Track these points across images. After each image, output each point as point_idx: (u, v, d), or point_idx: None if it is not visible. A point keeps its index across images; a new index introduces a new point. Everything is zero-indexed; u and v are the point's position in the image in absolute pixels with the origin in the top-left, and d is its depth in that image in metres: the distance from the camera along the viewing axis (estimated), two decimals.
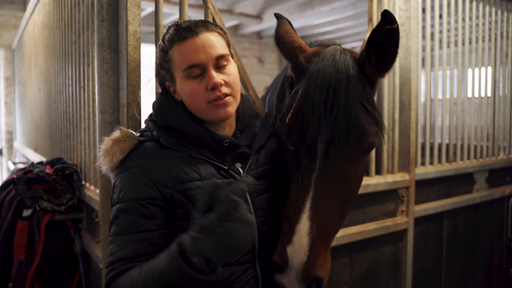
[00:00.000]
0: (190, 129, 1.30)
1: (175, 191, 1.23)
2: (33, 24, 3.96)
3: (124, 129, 1.31)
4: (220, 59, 1.28)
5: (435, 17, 2.80)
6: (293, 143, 1.32)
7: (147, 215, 1.21)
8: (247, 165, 1.36)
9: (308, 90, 1.31)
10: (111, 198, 1.28)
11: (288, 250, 1.21)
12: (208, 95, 1.26)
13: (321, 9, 6.29)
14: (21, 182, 2.12)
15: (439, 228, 2.90)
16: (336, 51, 1.37)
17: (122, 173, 1.26)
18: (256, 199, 1.35)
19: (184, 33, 1.27)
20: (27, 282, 2.18)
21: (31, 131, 4.30)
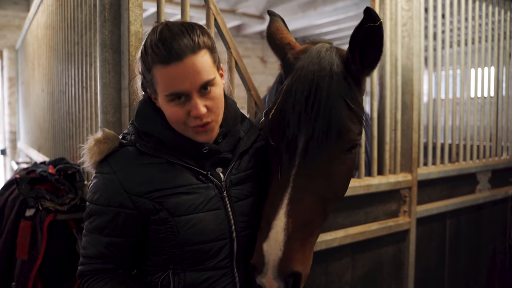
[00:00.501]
0: (168, 136, 1.29)
1: (148, 199, 1.25)
2: (36, 25, 3.98)
3: (107, 131, 1.32)
4: (205, 85, 1.22)
5: (438, 17, 2.79)
6: (274, 138, 1.33)
7: (117, 222, 1.25)
8: (228, 169, 1.35)
9: (291, 87, 1.32)
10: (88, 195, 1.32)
11: (264, 246, 1.20)
12: (190, 121, 1.24)
13: (324, 9, 6.28)
14: (24, 182, 2.12)
15: (441, 229, 2.89)
16: (322, 48, 1.38)
17: (98, 174, 1.28)
18: (236, 204, 1.33)
19: (168, 56, 1.17)
20: (29, 281, 2.19)
21: (35, 131, 4.32)
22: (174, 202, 1.25)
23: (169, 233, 1.25)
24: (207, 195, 1.28)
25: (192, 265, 1.27)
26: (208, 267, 1.28)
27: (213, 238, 1.27)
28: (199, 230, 1.25)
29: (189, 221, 1.25)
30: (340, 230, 2.21)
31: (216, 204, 1.29)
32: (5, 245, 2.33)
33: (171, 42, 1.18)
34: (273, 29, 1.55)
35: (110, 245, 1.26)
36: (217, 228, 1.28)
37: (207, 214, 1.27)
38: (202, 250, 1.26)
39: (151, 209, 1.24)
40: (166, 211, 1.24)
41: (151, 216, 1.25)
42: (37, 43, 3.99)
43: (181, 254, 1.26)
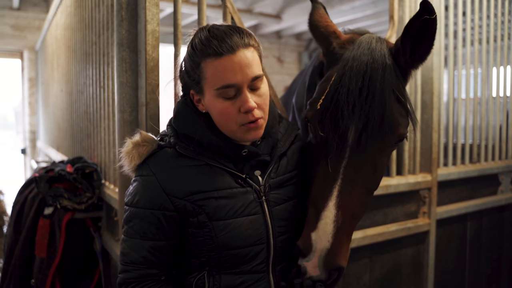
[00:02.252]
0: (207, 138, 1.26)
1: (188, 202, 1.23)
2: (56, 26, 4.03)
3: (144, 133, 1.29)
4: (255, 80, 1.21)
5: (459, 14, 2.73)
6: (324, 129, 1.30)
7: (158, 225, 1.23)
8: (267, 173, 1.32)
9: (343, 77, 1.28)
10: (125, 195, 1.30)
11: (313, 236, 1.22)
12: (240, 117, 1.21)
13: (341, 8, 6.22)
14: (43, 180, 2.15)
15: (462, 231, 2.83)
16: (372, 39, 1.34)
17: (138, 177, 1.26)
18: (274, 209, 1.31)
19: (220, 48, 1.17)
20: (48, 279, 2.21)
21: (54, 131, 4.38)
22: (213, 206, 1.23)
23: (207, 237, 1.23)
24: (246, 200, 1.26)
25: (229, 268, 1.26)
26: (244, 270, 1.27)
27: (250, 243, 1.25)
28: (237, 235, 1.24)
29: (227, 225, 1.23)
30: (358, 231, 2.18)
31: (254, 209, 1.27)
32: (24, 242, 2.37)
33: (223, 36, 1.19)
34: (316, 16, 1.50)
35: (153, 249, 1.23)
36: (254, 233, 1.26)
37: (245, 219, 1.25)
38: (239, 254, 1.25)
39: (190, 211, 1.23)
40: (205, 214, 1.22)
41: (190, 218, 1.24)
42: (56, 44, 4.05)
43: (218, 258, 1.25)
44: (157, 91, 1.60)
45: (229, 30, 1.22)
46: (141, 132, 1.30)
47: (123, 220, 1.27)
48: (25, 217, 2.45)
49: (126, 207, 1.27)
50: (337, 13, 6.57)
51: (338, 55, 1.39)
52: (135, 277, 1.24)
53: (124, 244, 1.25)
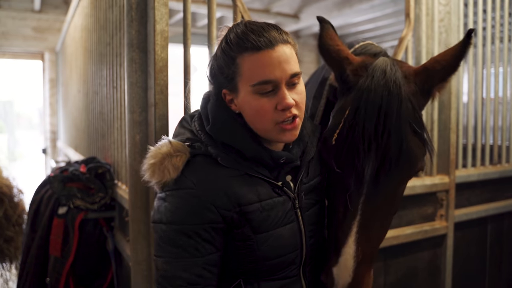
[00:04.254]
0: (249, 149, 1.20)
1: (236, 214, 1.16)
2: (74, 27, 4.08)
3: (175, 142, 1.19)
4: (293, 77, 1.15)
5: (479, 12, 2.66)
6: (340, 166, 1.27)
7: (210, 239, 1.15)
8: (298, 179, 1.29)
9: (358, 112, 1.22)
10: (155, 212, 1.19)
11: (335, 271, 1.25)
12: (277, 115, 1.15)
13: (360, 7, 6.13)
14: (57, 180, 2.17)
15: (482, 234, 2.75)
16: (386, 66, 1.26)
17: (175, 191, 1.15)
18: (305, 214, 1.30)
19: (258, 42, 1.12)
20: (62, 278, 2.23)
21: (72, 131, 4.44)
22: (260, 218, 1.19)
23: (249, 249, 1.19)
24: (284, 209, 1.24)
25: (267, 276, 1.24)
26: (281, 276, 1.26)
27: (289, 250, 1.25)
28: (278, 245, 1.22)
29: (269, 237, 1.20)
30: None
31: (291, 217, 1.26)
32: (40, 241, 2.39)
33: (260, 31, 1.14)
34: (326, 39, 1.39)
35: (207, 264, 1.15)
36: (292, 241, 1.26)
37: (284, 228, 1.23)
38: (279, 263, 1.24)
39: (237, 223, 1.17)
40: (250, 227, 1.18)
41: (235, 230, 1.18)
42: (74, 45, 4.10)
43: (258, 268, 1.22)
44: (166, 91, 1.59)
45: (267, 25, 1.17)
46: (171, 141, 1.19)
47: (160, 240, 1.15)
48: (41, 216, 2.48)
49: (162, 225, 1.15)
50: (356, 12, 6.49)
51: (351, 83, 1.32)
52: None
53: (168, 267, 1.13)
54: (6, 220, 3.84)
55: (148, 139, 1.66)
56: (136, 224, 1.69)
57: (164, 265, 1.13)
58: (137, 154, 1.67)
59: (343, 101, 1.34)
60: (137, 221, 1.69)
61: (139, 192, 1.69)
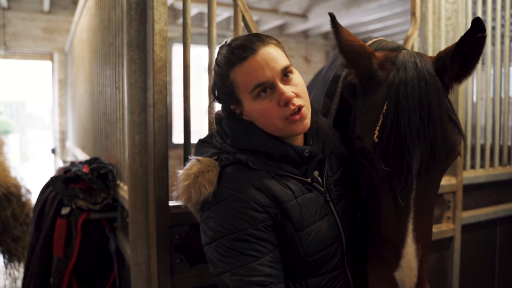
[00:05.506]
0: (274, 148, 1.25)
1: (278, 211, 1.21)
2: (81, 28, 4.10)
3: (203, 159, 1.24)
4: (285, 71, 1.22)
5: (488, 10, 2.60)
6: (388, 163, 1.21)
7: (266, 238, 1.18)
8: (324, 173, 1.33)
9: (399, 105, 1.19)
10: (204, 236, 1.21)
11: (397, 275, 1.20)
12: (282, 111, 1.20)
13: (368, 6, 6.08)
14: (59, 180, 2.17)
15: (491, 236, 2.70)
16: (414, 58, 1.26)
17: (219, 204, 1.19)
18: (338, 205, 1.34)
19: (242, 52, 1.21)
20: (65, 278, 2.24)
21: (79, 131, 4.47)
22: (298, 214, 1.22)
23: (294, 248, 1.23)
24: (318, 203, 1.28)
25: (312, 271, 1.27)
26: (327, 270, 1.28)
27: (330, 243, 1.28)
28: (320, 239, 1.25)
29: (310, 232, 1.24)
30: None
31: (326, 210, 1.29)
32: (44, 241, 2.40)
33: (242, 43, 1.23)
34: (345, 35, 1.32)
35: (272, 262, 1.18)
36: (331, 234, 1.29)
37: (322, 222, 1.27)
38: (322, 257, 1.26)
39: (279, 221, 1.21)
40: (291, 224, 1.21)
41: (279, 229, 1.22)
42: (81, 46, 4.12)
43: (304, 265, 1.25)
44: (165, 92, 1.57)
45: (247, 37, 1.26)
46: (199, 159, 1.23)
47: (219, 256, 1.17)
48: (45, 216, 2.49)
49: (217, 241, 1.17)
50: (365, 11, 6.44)
51: (379, 78, 1.29)
52: None
53: (236, 277, 1.15)
54: (14, 220, 3.87)
55: (147, 140, 1.65)
56: (136, 225, 1.68)
57: (233, 277, 1.15)
58: (137, 154, 1.66)
59: (372, 97, 1.29)
60: (137, 222, 1.68)
61: (139, 193, 1.68)
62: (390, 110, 1.20)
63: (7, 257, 3.91)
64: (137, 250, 1.69)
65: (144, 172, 1.66)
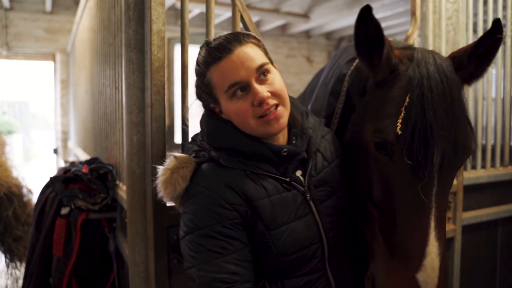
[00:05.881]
0: (247, 146, 1.25)
1: (248, 209, 1.21)
2: (82, 28, 4.11)
3: (179, 156, 1.26)
4: (260, 70, 1.22)
5: (489, 10, 2.59)
6: (412, 155, 1.17)
7: (234, 236, 1.19)
8: (307, 172, 1.31)
9: (423, 98, 1.17)
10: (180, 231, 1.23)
11: (420, 277, 1.13)
12: (256, 110, 1.21)
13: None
14: (58, 181, 2.18)
15: (492, 237, 2.68)
16: (433, 54, 1.26)
17: (191, 200, 1.22)
18: (321, 206, 1.31)
19: (218, 52, 1.22)
20: (65, 278, 2.24)
21: (81, 131, 4.47)
22: (270, 214, 1.21)
23: (266, 247, 1.22)
24: (295, 203, 1.26)
25: (289, 272, 1.26)
26: (305, 272, 1.27)
27: (306, 244, 1.26)
28: (294, 240, 1.23)
29: (284, 232, 1.23)
30: None
31: (304, 210, 1.27)
32: (44, 241, 2.40)
33: (220, 43, 1.23)
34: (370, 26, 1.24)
35: (239, 260, 1.18)
36: (309, 234, 1.26)
37: (298, 222, 1.25)
38: (298, 257, 1.25)
39: (250, 218, 1.21)
40: (262, 223, 1.21)
41: (250, 228, 1.22)
42: (82, 46, 4.13)
43: (278, 266, 1.24)
44: (163, 92, 1.57)
45: (226, 36, 1.26)
46: (176, 155, 1.26)
47: (189, 251, 1.19)
48: (46, 216, 2.49)
49: (188, 236, 1.20)
50: None
51: (398, 72, 1.26)
52: None
53: (202, 273, 1.16)
54: (15, 220, 3.88)
55: (145, 140, 1.65)
56: (134, 226, 1.68)
57: (199, 273, 1.17)
58: (135, 155, 1.66)
59: (390, 90, 1.25)
60: (134, 223, 1.68)
61: (137, 193, 1.68)
62: (414, 102, 1.17)
63: (8, 257, 3.91)
64: (135, 251, 1.69)
65: (142, 173, 1.66)
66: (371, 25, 1.21)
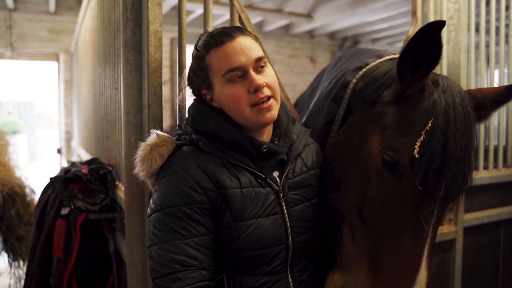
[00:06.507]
0: (228, 134, 1.26)
1: (219, 196, 1.21)
2: (84, 29, 4.12)
3: (161, 134, 1.28)
4: (259, 61, 1.25)
5: (492, 10, 2.57)
6: (425, 183, 1.17)
7: (199, 220, 1.19)
8: (284, 173, 1.32)
9: (447, 127, 1.17)
10: (149, 209, 1.24)
11: None
12: (250, 98, 1.23)
13: (374, 6, 6.04)
14: (58, 181, 2.18)
15: (495, 239, 2.66)
16: (458, 86, 1.26)
17: (164, 178, 1.22)
18: (292, 209, 1.31)
19: (221, 37, 1.25)
20: (65, 278, 2.24)
21: (83, 131, 4.48)
22: (239, 204, 1.22)
23: (229, 238, 1.23)
24: (266, 200, 1.27)
25: (249, 269, 1.26)
26: (265, 271, 1.27)
27: (271, 243, 1.26)
28: (259, 235, 1.24)
29: (250, 226, 1.23)
30: None
31: (274, 209, 1.28)
32: (45, 241, 2.41)
33: (223, 31, 1.28)
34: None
35: (200, 246, 1.18)
36: (275, 234, 1.26)
37: (266, 219, 1.25)
38: (260, 255, 1.25)
39: (219, 206, 1.22)
40: (229, 213, 1.22)
41: (218, 215, 1.23)
42: (84, 47, 4.14)
43: (239, 259, 1.24)
44: (160, 93, 1.57)
45: (229, 27, 1.31)
46: (158, 133, 1.28)
47: (153, 229, 1.18)
48: (47, 216, 2.50)
49: (155, 214, 1.19)
50: (370, 11, 6.40)
51: (424, 93, 1.25)
52: (192, 283, 1.14)
53: (161, 252, 1.16)
54: (18, 219, 3.89)
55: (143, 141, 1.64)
56: (132, 226, 1.68)
57: (158, 251, 1.16)
58: (133, 156, 1.65)
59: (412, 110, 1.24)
60: (132, 223, 1.68)
61: (135, 194, 1.68)
62: (437, 129, 1.16)
63: (11, 257, 3.93)
64: (132, 252, 1.69)
65: None
66: (436, 41, 1.16)
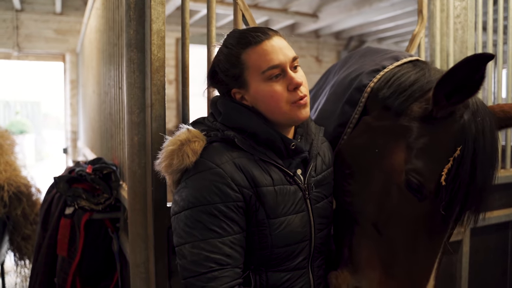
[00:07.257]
0: (263, 131, 1.26)
1: (253, 193, 1.21)
2: (90, 29, 4.13)
3: (192, 129, 1.26)
4: (294, 61, 1.28)
5: (499, 8, 2.54)
6: (449, 210, 1.21)
7: (234, 218, 1.18)
8: (308, 172, 1.34)
9: (477, 157, 1.18)
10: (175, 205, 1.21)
11: None
12: (290, 95, 1.25)
13: (380, 5, 6.01)
14: (62, 180, 2.18)
15: (503, 240, 2.63)
16: (485, 107, 1.27)
17: (197, 175, 1.19)
18: (315, 206, 1.34)
19: (257, 36, 1.26)
20: (69, 277, 2.24)
21: (89, 131, 4.49)
22: (273, 202, 1.23)
23: (262, 235, 1.23)
24: (295, 197, 1.29)
25: (276, 265, 1.27)
26: (290, 267, 1.29)
27: (299, 240, 1.28)
28: (289, 233, 1.26)
29: (282, 223, 1.24)
30: None
31: (302, 206, 1.30)
32: (50, 241, 2.41)
33: (255, 29, 1.29)
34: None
35: (234, 244, 1.17)
36: (302, 230, 1.29)
37: (295, 216, 1.28)
38: (287, 251, 1.26)
39: (253, 204, 1.21)
40: (263, 210, 1.22)
41: (251, 213, 1.22)
42: (90, 47, 4.15)
43: (269, 256, 1.25)
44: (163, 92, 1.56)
45: (259, 27, 1.33)
46: (189, 128, 1.26)
47: (184, 227, 1.17)
48: (51, 216, 2.50)
49: (186, 211, 1.17)
50: (376, 10, 6.37)
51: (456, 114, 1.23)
52: (228, 282, 1.14)
53: (196, 250, 1.14)
54: (24, 219, 3.91)
55: (146, 141, 1.64)
56: (134, 227, 1.67)
57: (192, 250, 1.15)
58: (135, 155, 1.65)
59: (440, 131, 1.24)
60: (135, 224, 1.67)
61: (138, 194, 1.67)
62: (466, 158, 1.17)
63: (17, 256, 3.95)
64: (135, 252, 1.68)
65: (142, 173, 1.65)
66: (480, 73, 1.14)
